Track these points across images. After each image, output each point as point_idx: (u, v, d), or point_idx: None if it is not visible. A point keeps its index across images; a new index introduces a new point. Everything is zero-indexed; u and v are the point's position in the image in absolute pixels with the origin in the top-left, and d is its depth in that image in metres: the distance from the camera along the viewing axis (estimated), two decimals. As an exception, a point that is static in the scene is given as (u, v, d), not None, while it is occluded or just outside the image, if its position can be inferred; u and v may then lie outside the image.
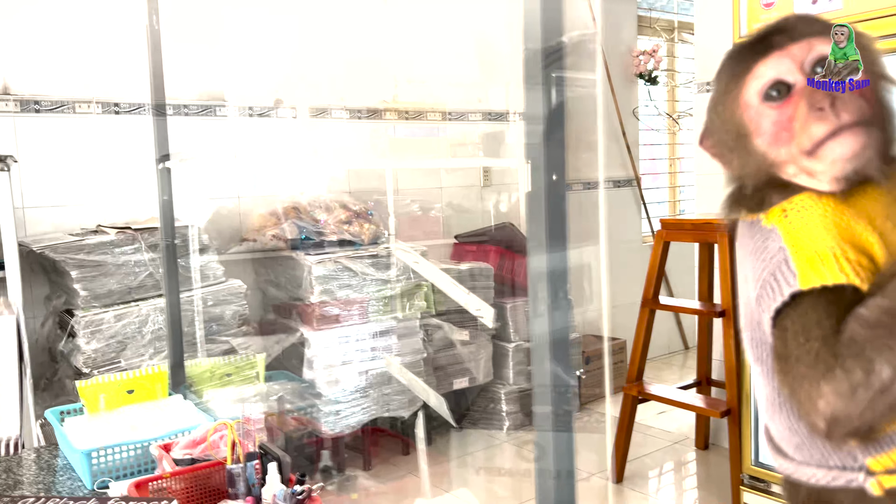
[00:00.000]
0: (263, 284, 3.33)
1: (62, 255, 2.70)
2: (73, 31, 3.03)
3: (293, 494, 1.41)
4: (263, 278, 3.32)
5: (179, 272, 2.34)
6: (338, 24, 3.50)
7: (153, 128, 2.19)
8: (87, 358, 2.64)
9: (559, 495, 0.89)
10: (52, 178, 3.00)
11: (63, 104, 3.05)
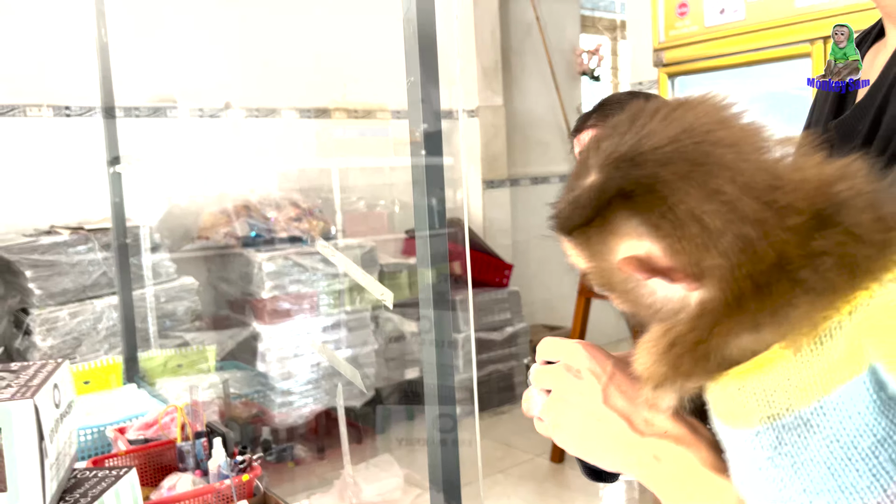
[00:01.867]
0: (216, 281, 3.43)
1: (16, 255, 2.78)
2: (24, 36, 3.10)
3: (235, 464, 1.54)
4: (216, 275, 3.43)
5: (133, 270, 2.45)
6: (287, 23, 3.62)
7: (103, 131, 2.29)
8: (44, 354, 2.73)
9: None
10: (5, 180, 3.07)
11: (14, 108, 3.12)
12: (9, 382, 1.24)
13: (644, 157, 0.50)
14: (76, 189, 3.16)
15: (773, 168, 0.50)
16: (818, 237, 0.48)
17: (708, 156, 0.49)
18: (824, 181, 0.50)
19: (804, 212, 0.48)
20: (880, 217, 0.48)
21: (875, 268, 0.47)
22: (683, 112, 0.52)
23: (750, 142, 0.50)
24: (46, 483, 1.18)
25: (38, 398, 1.18)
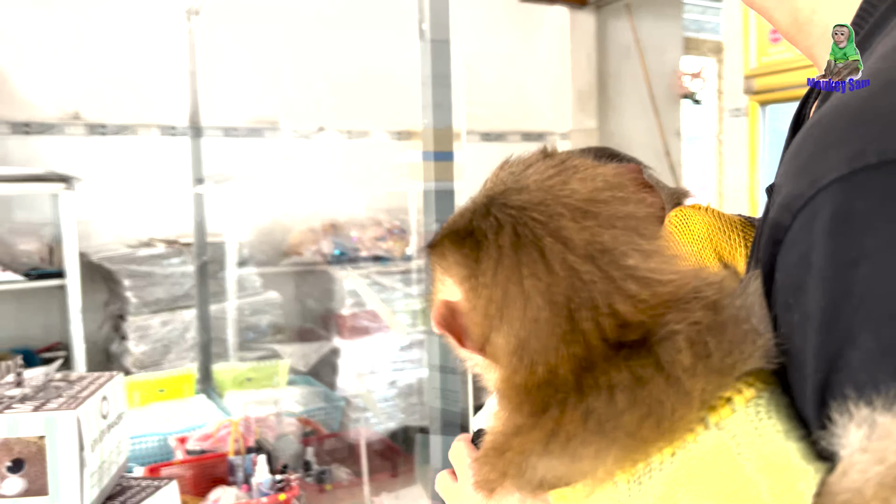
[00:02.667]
0: (302, 296, 3.55)
1: (117, 265, 2.99)
2: (136, 62, 3.34)
3: (275, 482, 1.59)
4: (302, 291, 3.55)
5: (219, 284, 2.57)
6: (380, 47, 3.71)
7: (190, 153, 2.43)
8: (136, 359, 2.91)
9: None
10: (113, 194, 3.31)
11: (126, 128, 3.36)
12: (60, 392, 1.34)
13: (499, 204, 0.48)
14: (175, 204, 3.36)
15: (637, 264, 0.45)
16: (622, 365, 0.43)
17: (560, 231, 0.45)
18: (673, 296, 0.45)
19: (635, 329, 0.44)
20: (705, 355, 0.43)
21: (689, 410, 0.42)
22: (579, 176, 0.49)
23: (632, 229, 0.46)
24: (85, 490, 1.26)
25: (82, 410, 1.26)
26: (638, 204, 0.48)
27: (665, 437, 0.43)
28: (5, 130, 3.13)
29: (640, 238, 0.47)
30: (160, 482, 1.45)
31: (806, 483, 0.40)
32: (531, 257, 0.45)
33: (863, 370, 0.38)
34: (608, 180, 0.49)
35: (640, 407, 0.43)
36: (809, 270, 0.40)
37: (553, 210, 0.47)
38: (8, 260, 2.93)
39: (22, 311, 3.14)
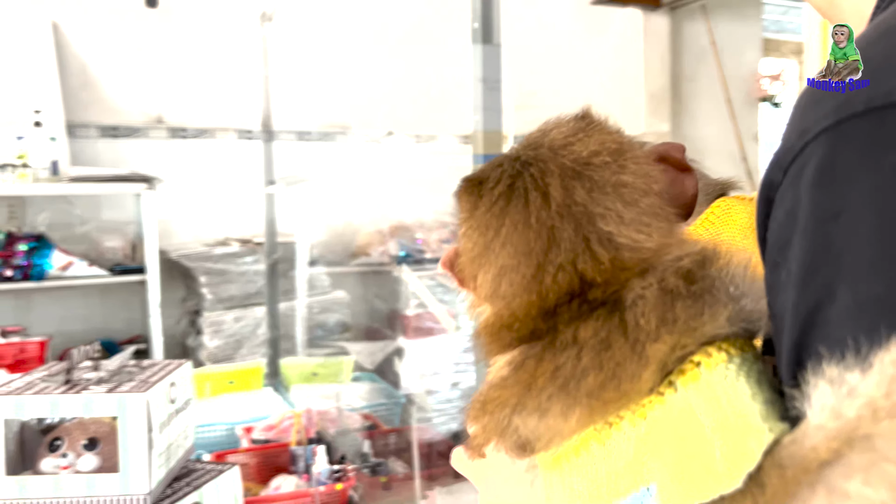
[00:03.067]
0: (369, 296, 3.63)
1: (194, 262, 3.13)
2: (214, 68, 3.49)
3: (333, 472, 1.64)
4: (369, 290, 3.63)
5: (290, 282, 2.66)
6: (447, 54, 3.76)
7: (263, 155, 2.52)
8: (210, 353, 3.04)
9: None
10: (192, 194, 3.46)
11: (205, 131, 3.51)
12: (132, 377, 1.42)
13: (511, 158, 0.51)
14: (250, 205, 3.48)
15: (612, 230, 0.47)
16: (591, 325, 0.45)
17: (547, 187, 0.48)
18: (647, 263, 0.46)
19: (601, 289, 0.45)
20: (671, 320, 0.44)
21: (651, 375, 0.43)
22: (590, 140, 0.51)
23: (619, 196, 0.48)
24: (153, 470, 1.33)
25: (151, 393, 1.34)
26: (636, 175, 0.49)
27: (625, 399, 0.44)
28: (95, 134, 3.32)
29: (624, 205, 0.48)
30: (223, 467, 1.52)
31: (756, 441, 0.39)
32: (516, 209, 0.48)
33: (839, 326, 0.37)
34: (611, 147, 0.50)
35: (603, 369, 0.44)
36: (795, 226, 0.39)
37: (547, 168, 0.49)
38: (95, 256, 3.11)
39: (106, 305, 3.32)
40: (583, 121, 0.54)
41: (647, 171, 0.50)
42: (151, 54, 3.41)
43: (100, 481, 1.30)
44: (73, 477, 1.31)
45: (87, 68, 3.32)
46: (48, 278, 2.89)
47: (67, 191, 2.98)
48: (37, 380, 1.41)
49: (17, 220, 3.15)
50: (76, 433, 1.35)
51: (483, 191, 0.50)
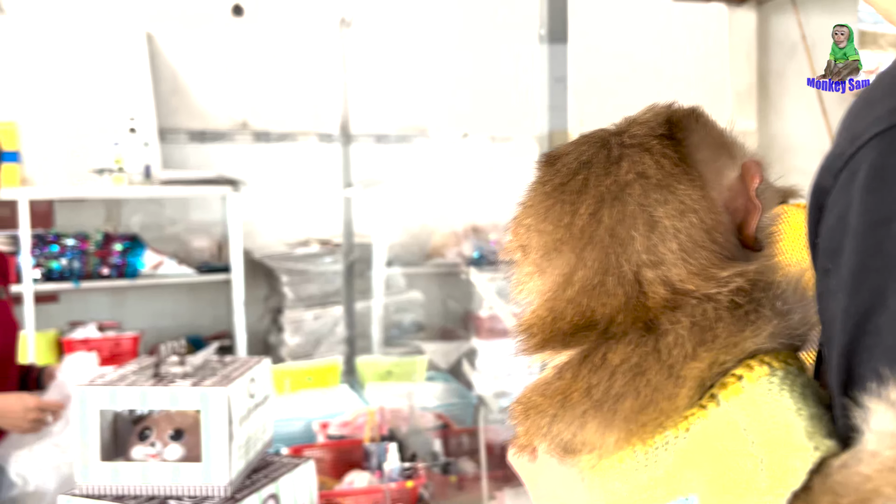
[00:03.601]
0: (443, 297, 3.67)
1: (276, 262, 3.24)
2: (296, 74, 3.59)
3: (404, 469, 1.67)
4: (444, 291, 3.66)
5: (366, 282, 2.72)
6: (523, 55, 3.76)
7: (341, 158, 2.59)
8: (290, 350, 3.14)
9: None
10: (274, 196, 3.58)
11: (287, 135, 3.63)
12: (215, 372, 1.49)
13: (591, 138, 0.54)
14: (329, 206, 3.57)
15: (672, 249, 0.48)
16: (621, 349, 0.45)
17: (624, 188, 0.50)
18: (697, 286, 0.46)
19: (649, 310, 0.46)
20: (710, 339, 0.44)
21: (689, 394, 0.44)
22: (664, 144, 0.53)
23: (693, 214, 0.49)
24: (233, 461, 1.40)
25: (232, 388, 1.41)
26: (692, 201, 0.50)
27: (664, 418, 0.45)
28: (184, 138, 3.48)
29: (692, 226, 0.49)
30: (299, 460, 1.58)
31: (802, 460, 0.39)
32: (589, 209, 0.50)
33: (890, 334, 0.36)
34: (668, 165, 0.51)
35: (639, 396, 0.45)
36: (846, 231, 0.39)
37: (624, 169, 0.51)
38: (183, 255, 3.27)
39: (194, 302, 3.48)
40: (670, 120, 0.55)
41: (701, 197, 0.51)
42: (237, 61, 3.54)
43: (184, 470, 1.38)
44: (160, 465, 1.39)
45: (178, 76, 3.48)
46: (141, 276, 3.05)
47: (159, 193, 3.14)
48: (128, 373, 1.51)
49: (113, 222, 3.34)
50: (163, 424, 1.43)
51: (556, 174, 0.53)
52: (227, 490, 1.37)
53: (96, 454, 1.39)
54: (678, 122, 0.55)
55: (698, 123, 0.56)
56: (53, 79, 3.17)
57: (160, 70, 3.43)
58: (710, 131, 0.56)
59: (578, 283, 0.49)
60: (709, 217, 0.49)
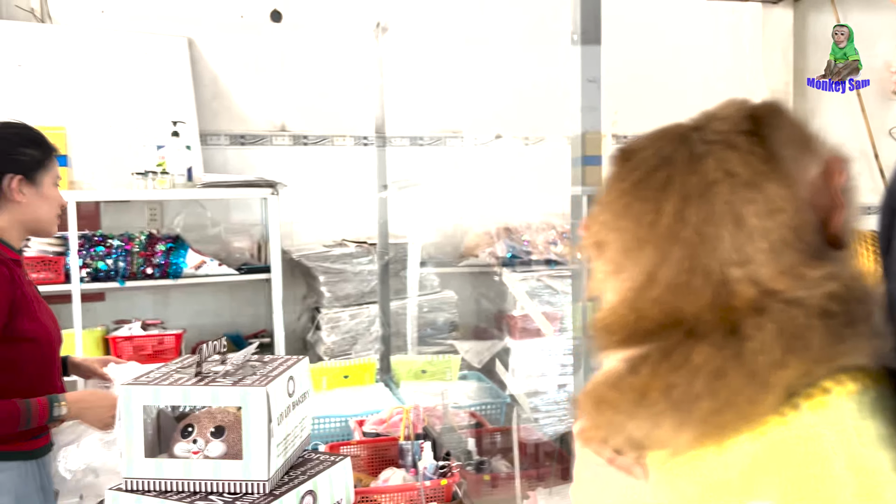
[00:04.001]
0: (477, 296, 3.70)
1: (314, 262, 3.30)
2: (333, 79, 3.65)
3: (438, 467, 1.71)
4: (478, 291, 3.69)
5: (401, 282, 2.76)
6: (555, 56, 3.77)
7: (377, 160, 2.64)
8: (327, 348, 3.20)
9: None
10: (312, 198, 3.65)
11: (324, 138, 3.69)
12: (255, 371, 1.55)
13: (672, 134, 0.54)
14: (365, 207, 3.62)
15: (761, 254, 0.47)
16: (705, 350, 0.45)
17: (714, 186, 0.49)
18: (770, 292, 0.45)
19: (720, 312, 0.45)
20: (801, 347, 0.44)
21: (772, 400, 0.43)
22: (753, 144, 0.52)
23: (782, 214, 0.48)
24: (272, 458, 1.45)
25: (272, 387, 1.46)
26: (779, 198, 0.49)
27: (743, 421, 0.45)
28: (225, 142, 3.57)
29: (759, 234, 0.48)
30: (336, 457, 1.63)
31: (893, 493, 0.39)
32: (670, 207, 0.50)
33: None
34: (756, 163, 0.50)
35: (716, 397, 0.45)
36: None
37: (713, 167, 0.50)
38: (224, 256, 3.35)
39: (235, 301, 3.56)
40: (749, 120, 0.53)
41: (786, 196, 0.50)
42: (275, 66, 3.62)
43: (225, 466, 1.43)
44: (202, 461, 1.44)
45: (218, 80, 3.57)
46: (183, 276, 3.14)
47: (200, 195, 3.22)
48: (172, 371, 1.57)
49: (156, 222, 3.44)
50: (205, 421, 1.48)
51: (634, 170, 0.52)
52: (266, 486, 1.42)
53: (141, 450, 1.45)
54: (762, 117, 0.54)
55: (781, 119, 0.55)
56: (99, 85, 3.28)
57: (201, 75, 3.52)
58: (792, 126, 0.55)
59: (664, 282, 0.49)
60: (797, 216, 0.49)
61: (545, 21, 3.62)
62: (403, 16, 2.46)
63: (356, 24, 3.50)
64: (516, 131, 3.83)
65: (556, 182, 3.91)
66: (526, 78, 3.70)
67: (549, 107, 3.73)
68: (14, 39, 3.19)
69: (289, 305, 3.44)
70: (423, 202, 3.54)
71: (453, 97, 3.69)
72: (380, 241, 2.63)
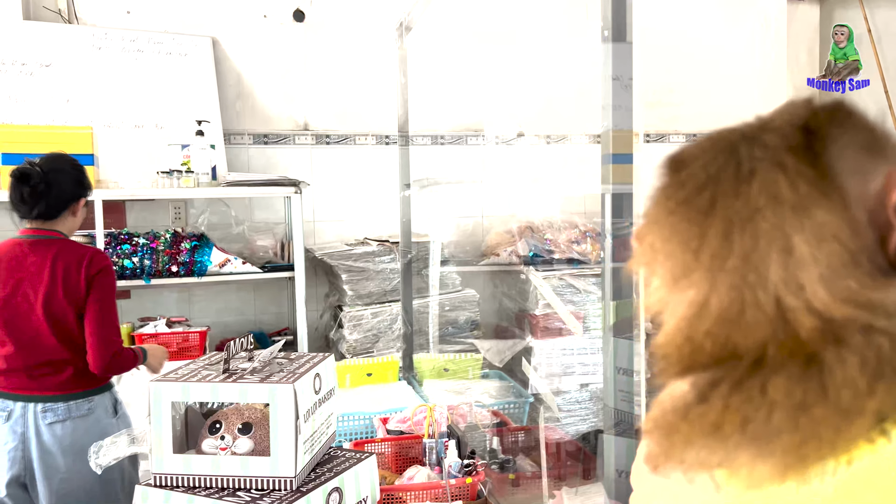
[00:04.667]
0: (499, 295, 3.69)
1: (336, 260, 3.31)
2: (355, 78, 3.67)
3: (462, 465, 1.71)
4: (499, 290, 3.69)
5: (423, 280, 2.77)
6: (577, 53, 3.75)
7: (399, 159, 2.64)
8: (350, 346, 3.21)
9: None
10: (335, 197, 3.66)
11: (346, 137, 3.71)
12: (282, 368, 1.56)
13: (724, 138, 0.51)
14: (387, 206, 3.64)
15: (825, 277, 0.44)
16: (782, 383, 0.43)
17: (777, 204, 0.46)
18: (864, 310, 0.43)
19: (789, 342, 0.43)
20: (889, 372, 0.42)
21: (860, 429, 0.42)
22: None
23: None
24: (299, 455, 1.46)
25: (299, 384, 1.47)
26: (834, 216, 0.47)
27: (828, 453, 0.43)
28: (249, 141, 3.59)
29: (833, 253, 0.46)
30: (362, 455, 1.63)
31: None
32: (720, 226, 0.47)
33: None
34: (809, 179, 0.47)
35: (800, 431, 0.43)
36: None
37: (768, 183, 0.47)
38: (248, 254, 3.37)
39: (259, 299, 3.59)
40: (802, 133, 0.49)
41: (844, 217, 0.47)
42: (298, 66, 3.64)
43: (252, 463, 1.44)
44: (230, 458, 1.45)
45: (242, 80, 3.59)
46: (208, 274, 3.17)
47: (225, 194, 3.25)
48: (200, 368, 1.58)
49: (181, 221, 3.47)
50: (233, 417, 1.49)
51: (681, 186, 0.49)
52: (293, 483, 1.43)
53: (170, 446, 1.47)
54: (817, 129, 0.50)
55: (842, 126, 0.50)
56: (125, 85, 3.31)
57: (225, 75, 3.55)
58: (855, 133, 0.50)
59: (714, 313, 0.47)
60: (852, 241, 0.46)
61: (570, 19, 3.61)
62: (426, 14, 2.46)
63: (379, 22, 3.51)
64: (538, 129, 3.82)
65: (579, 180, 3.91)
66: (549, 76, 3.69)
67: (572, 105, 3.73)
68: (41, 40, 3.24)
69: (311, 303, 3.46)
70: (445, 200, 3.55)
71: (475, 95, 3.69)
72: (402, 240, 2.63)
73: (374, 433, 2.12)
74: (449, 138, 3.79)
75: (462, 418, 1.99)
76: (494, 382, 2.52)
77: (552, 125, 3.84)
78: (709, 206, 0.48)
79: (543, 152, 3.85)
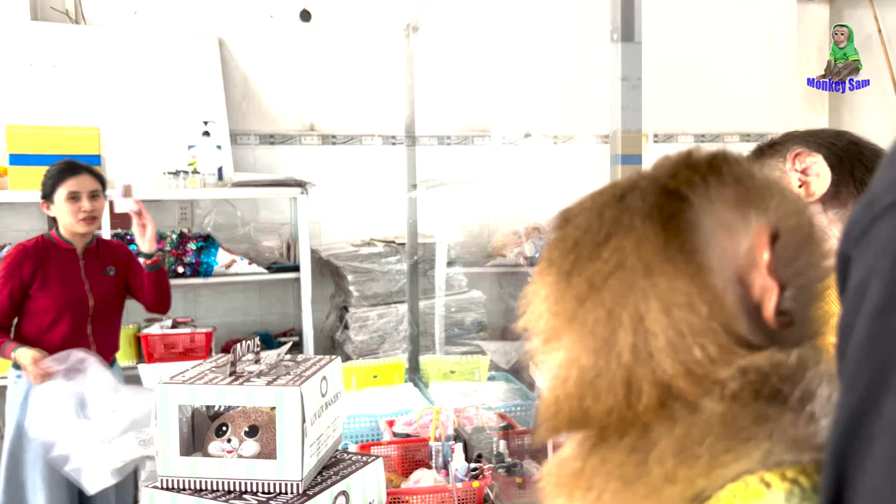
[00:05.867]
0: (505, 297, 3.68)
1: (342, 261, 3.31)
2: (362, 79, 3.66)
3: (469, 469, 1.70)
4: (506, 291, 3.68)
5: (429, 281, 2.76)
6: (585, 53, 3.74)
7: (405, 159, 2.63)
8: (355, 347, 3.20)
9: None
10: (341, 197, 3.66)
11: (353, 138, 3.70)
12: (288, 371, 1.55)
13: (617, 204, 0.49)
14: (393, 206, 3.63)
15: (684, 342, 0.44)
16: (615, 457, 0.44)
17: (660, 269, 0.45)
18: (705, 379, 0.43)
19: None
20: (693, 457, 0.41)
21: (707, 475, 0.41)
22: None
23: None
24: (305, 458, 1.45)
25: (305, 387, 1.46)
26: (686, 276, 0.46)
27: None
28: (254, 141, 3.59)
29: (680, 321, 0.45)
30: (368, 458, 1.63)
31: None
32: (597, 287, 0.47)
33: (883, 445, 0.31)
34: None
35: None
36: (857, 312, 0.34)
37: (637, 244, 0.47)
38: (254, 255, 3.37)
39: (264, 300, 3.58)
40: (660, 193, 0.47)
41: None
42: (304, 66, 3.63)
43: (259, 466, 1.43)
44: (236, 460, 1.45)
45: (248, 80, 3.59)
46: (214, 275, 3.16)
47: (231, 195, 3.24)
48: (206, 370, 1.57)
49: (187, 221, 3.47)
50: (239, 420, 1.49)
51: (559, 243, 0.49)
52: (300, 486, 1.42)
53: (176, 449, 1.46)
54: (676, 188, 0.47)
55: (706, 182, 0.47)
56: (132, 85, 3.31)
57: (231, 75, 3.54)
58: (722, 188, 0.47)
59: (574, 378, 0.46)
60: (704, 307, 0.44)
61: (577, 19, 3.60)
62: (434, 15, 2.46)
63: (386, 23, 3.51)
64: (546, 130, 3.80)
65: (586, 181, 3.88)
66: (556, 76, 3.68)
67: (578, 105, 3.72)
68: (49, 41, 3.24)
69: (317, 304, 3.45)
70: (451, 201, 3.53)
71: (482, 96, 3.68)
72: (409, 241, 2.63)
73: (380, 436, 2.11)
74: (455, 139, 3.78)
75: (468, 421, 1.98)
76: (501, 385, 2.51)
77: (559, 125, 3.83)
78: (571, 268, 0.48)
79: (551, 153, 3.83)
